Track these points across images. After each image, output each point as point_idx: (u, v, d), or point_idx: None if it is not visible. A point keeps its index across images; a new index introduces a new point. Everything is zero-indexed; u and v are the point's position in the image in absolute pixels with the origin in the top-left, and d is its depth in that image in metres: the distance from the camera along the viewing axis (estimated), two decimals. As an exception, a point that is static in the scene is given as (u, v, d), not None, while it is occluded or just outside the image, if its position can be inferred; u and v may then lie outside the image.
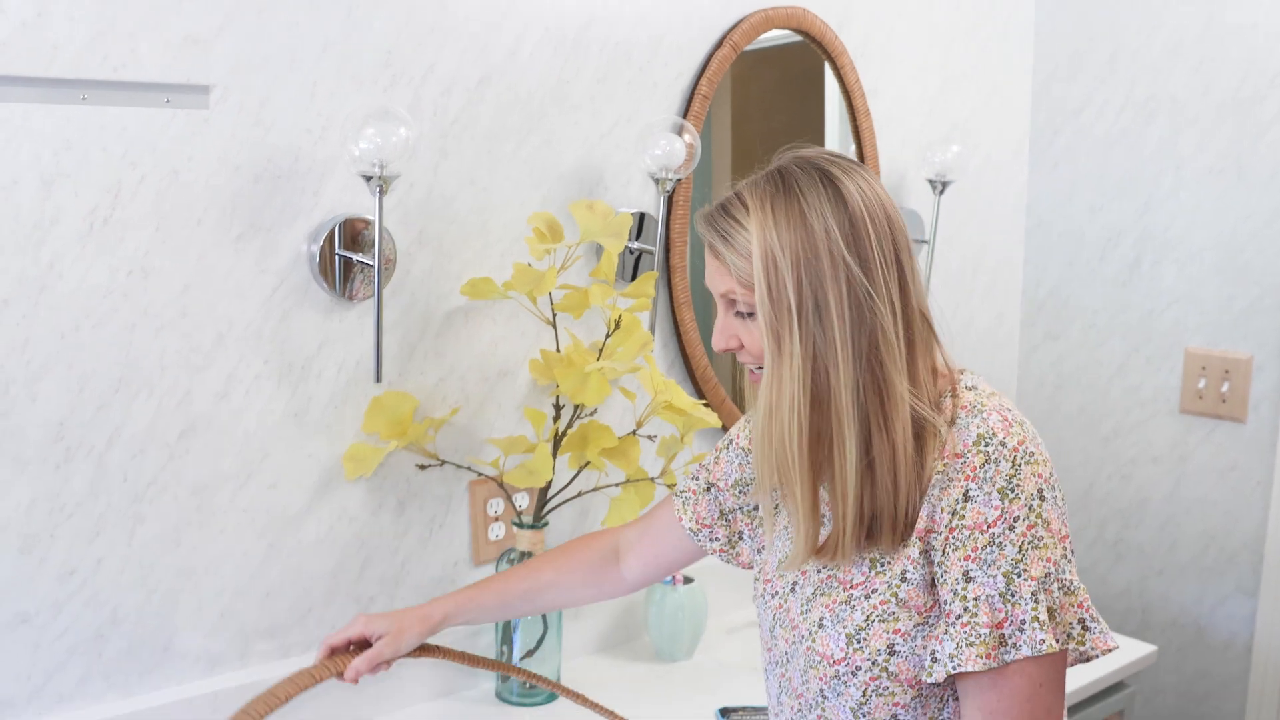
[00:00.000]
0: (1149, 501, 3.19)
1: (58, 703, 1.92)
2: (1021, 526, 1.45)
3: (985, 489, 1.46)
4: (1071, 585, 1.49)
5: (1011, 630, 1.45)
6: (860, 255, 1.48)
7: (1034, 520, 1.45)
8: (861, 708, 1.54)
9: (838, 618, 1.56)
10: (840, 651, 1.55)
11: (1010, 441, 1.47)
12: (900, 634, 1.51)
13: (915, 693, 1.52)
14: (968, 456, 1.47)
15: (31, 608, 1.87)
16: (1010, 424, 1.49)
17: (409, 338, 2.21)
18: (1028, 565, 1.45)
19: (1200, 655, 3.12)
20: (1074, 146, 3.25)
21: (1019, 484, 1.46)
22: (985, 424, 1.49)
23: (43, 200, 1.80)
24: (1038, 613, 1.45)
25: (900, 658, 1.51)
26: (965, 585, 1.46)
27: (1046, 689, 1.47)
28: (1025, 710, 1.47)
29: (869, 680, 1.53)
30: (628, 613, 2.59)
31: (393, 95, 2.12)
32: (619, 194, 2.47)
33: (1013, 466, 1.46)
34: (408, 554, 2.27)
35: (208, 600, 2.05)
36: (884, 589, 1.53)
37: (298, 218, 2.05)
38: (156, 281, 1.92)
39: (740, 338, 1.57)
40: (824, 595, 1.59)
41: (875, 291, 1.48)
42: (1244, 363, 2.97)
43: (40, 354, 1.83)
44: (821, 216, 1.48)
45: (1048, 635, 1.44)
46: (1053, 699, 1.48)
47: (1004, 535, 1.45)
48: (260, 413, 2.05)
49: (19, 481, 1.83)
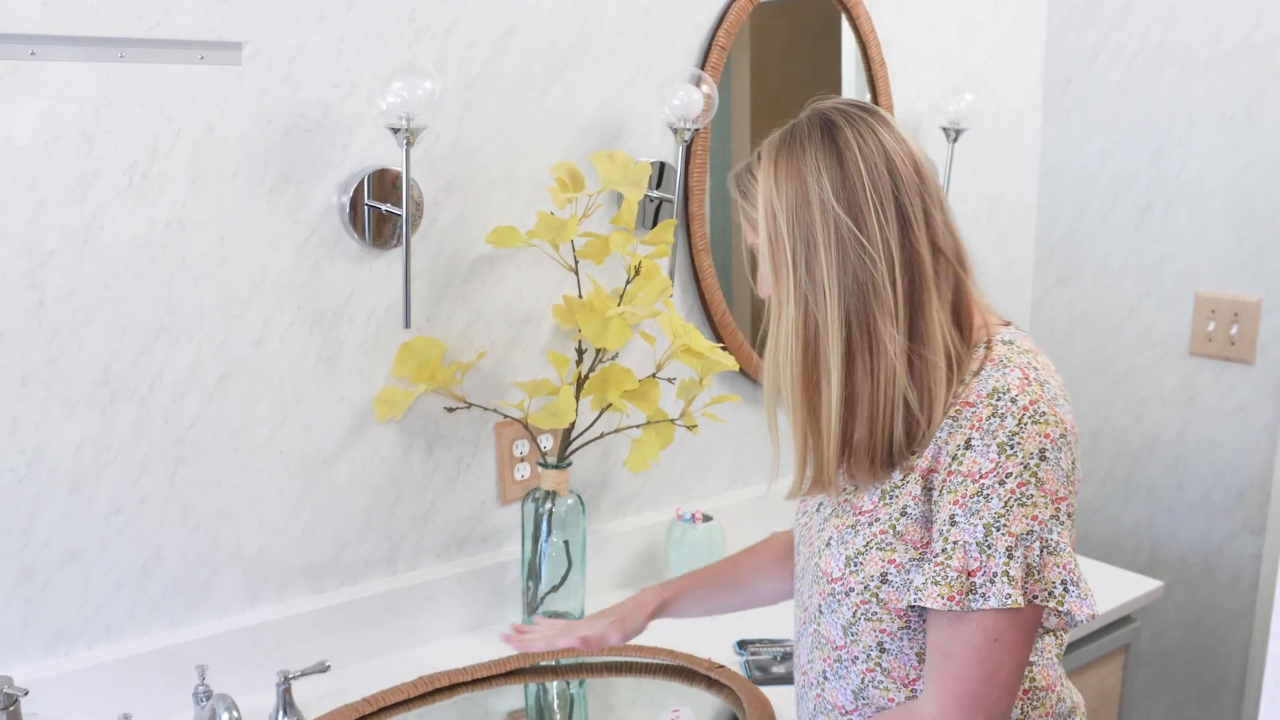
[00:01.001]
0: (1158, 441, 3.20)
1: (106, 634, 1.98)
2: (1012, 483, 1.48)
3: (985, 440, 1.49)
4: (1057, 546, 1.50)
5: (983, 580, 1.48)
6: (850, 203, 1.52)
7: (1027, 478, 1.48)
8: (851, 627, 1.61)
9: (842, 539, 1.62)
10: (838, 571, 1.61)
11: (1022, 400, 1.50)
12: (895, 564, 1.56)
13: (903, 623, 1.58)
14: (978, 407, 1.51)
15: (81, 545, 1.94)
16: (1029, 383, 1.51)
17: (436, 285, 2.25)
18: (1010, 520, 1.48)
19: (1207, 591, 3.14)
20: (1087, 94, 3.24)
21: (1020, 441, 1.48)
22: (1004, 379, 1.52)
23: (84, 155, 1.85)
24: (1009, 568, 1.47)
25: (891, 587, 1.57)
26: (950, 528, 1.50)
27: (1002, 644, 1.49)
28: (973, 659, 1.50)
29: (859, 603, 1.59)
30: (649, 549, 2.63)
31: (418, 50, 2.15)
32: (639, 144, 2.50)
33: (1018, 424, 1.49)
34: (437, 493, 2.32)
35: (246, 538, 2.10)
36: (885, 519, 1.58)
37: (328, 170, 2.09)
38: (194, 233, 1.96)
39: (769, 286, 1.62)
40: (837, 517, 1.65)
41: (867, 239, 1.51)
42: (1253, 305, 2.97)
43: (86, 303, 1.88)
44: (815, 169, 1.54)
45: (1015, 591, 1.47)
46: (1006, 655, 1.50)
47: (992, 488, 1.48)
48: (294, 358, 2.10)
49: (68, 424, 1.89)
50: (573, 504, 2.32)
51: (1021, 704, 1.63)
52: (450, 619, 2.34)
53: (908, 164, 1.56)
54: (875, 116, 1.58)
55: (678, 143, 2.42)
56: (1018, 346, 1.59)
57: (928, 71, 3.04)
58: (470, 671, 2.15)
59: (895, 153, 1.55)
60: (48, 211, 1.83)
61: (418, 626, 2.30)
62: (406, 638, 2.29)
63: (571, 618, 2.34)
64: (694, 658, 2.20)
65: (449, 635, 2.34)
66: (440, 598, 2.32)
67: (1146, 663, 3.27)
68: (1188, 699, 3.23)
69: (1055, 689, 1.67)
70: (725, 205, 2.65)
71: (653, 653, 2.22)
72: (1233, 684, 3.13)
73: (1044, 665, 1.65)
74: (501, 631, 2.02)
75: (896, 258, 1.52)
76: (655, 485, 2.68)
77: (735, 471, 2.82)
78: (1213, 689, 3.18)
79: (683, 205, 2.54)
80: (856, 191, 1.52)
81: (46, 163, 1.82)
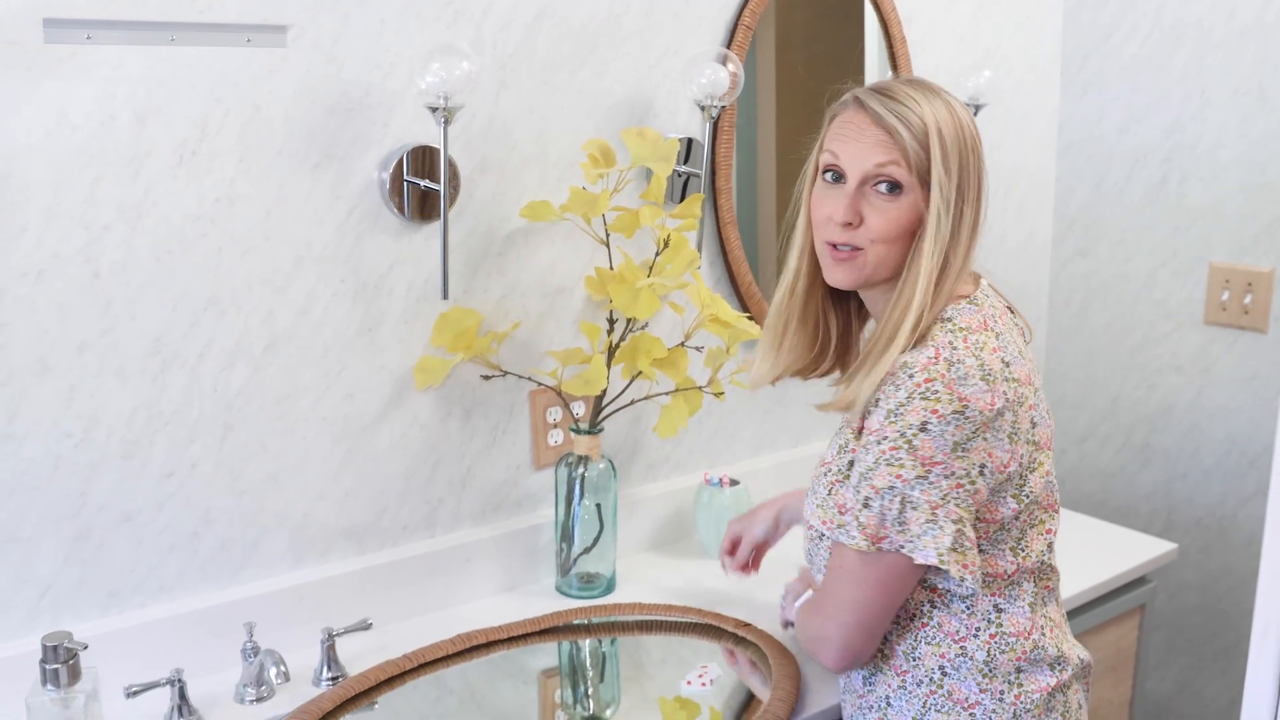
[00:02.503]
0: (1174, 409, 3.20)
1: (159, 594, 2.02)
2: (886, 445, 1.60)
3: (881, 405, 1.61)
4: (916, 502, 1.60)
5: (848, 518, 1.64)
6: (979, 158, 1.65)
7: (900, 444, 1.59)
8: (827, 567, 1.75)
9: (814, 489, 1.76)
10: (813, 518, 1.74)
11: (919, 376, 1.59)
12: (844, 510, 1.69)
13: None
14: (894, 374, 1.62)
15: (134, 507, 1.97)
16: (936, 361, 1.60)
17: (473, 257, 2.26)
18: (875, 475, 1.60)
19: (1222, 553, 3.15)
20: (1103, 71, 3.23)
21: (904, 412, 1.59)
22: (915, 356, 1.61)
23: (137, 134, 1.87)
24: (860, 516, 1.62)
25: None
26: (849, 466, 1.67)
27: (845, 574, 1.68)
28: (833, 578, 1.69)
29: (828, 547, 1.72)
30: (678, 513, 2.65)
31: (455, 31, 2.16)
32: (667, 121, 2.50)
33: (907, 396, 1.59)
34: (473, 458, 2.34)
35: (291, 501, 2.13)
36: (836, 469, 1.72)
37: (369, 147, 2.11)
38: (241, 208, 1.99)
39: (864, 214, 1.66)
40: (814, 468, 1.79)
41: (984, 192, 1.66)
42: (1265, 276, 2.97)
43: (138, 275, 1.91)
44: (965, 113, 1.66)
45: (860, 537, 1.62)
46: (856, 590, 1.66)
47: (871, 445, 1.62)
48: (337, 328, 2.12)
49: (122, 392, 1.92)
50: (604, 469, 2.33)
51: (988, 646, 1.71)
52: (487, 580, 2.36)
53: None
54: None
55: (705, 119, 2.42)
56: (954, 324, 1.66)
57: (947, 48, 3.03)
58: (506, 630, 2.17)
59: None
60: (102, 188, 1.86)
61: (455, 586, 2.32)
62: (445, 597, 2.31)
63: (603, 578, 2.37)
64: (722, 616, 2.22)
65: (485, 595, 2.36)
66: (477, 559, 2.34)
67: (1162, 623, 3.27)
68: (1202, 659, 3.24)
69: (1030, 635, 1.73)
70: (751, 180, 2.67)
71: (682, 611, 2.25)
72: (1246, 645, 3.10)
73: (1013, 612, 1.72)
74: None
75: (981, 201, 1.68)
76: (684, 450, 2.69)
77: (761, 437, 2.83)
78: (1226, 649, 3.18)
79: (710, 180, 2.55)
80: (980, 149, 1.67)
81: (102, 141, 1.85)
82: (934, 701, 1.72)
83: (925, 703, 1.72)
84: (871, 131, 1.64)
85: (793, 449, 2.89)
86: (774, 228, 2.72)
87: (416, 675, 2.06)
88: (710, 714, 2.04)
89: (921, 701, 1.73)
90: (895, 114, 1.63)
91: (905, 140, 1.62)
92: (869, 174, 1.64)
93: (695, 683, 2.07)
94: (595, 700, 2.19)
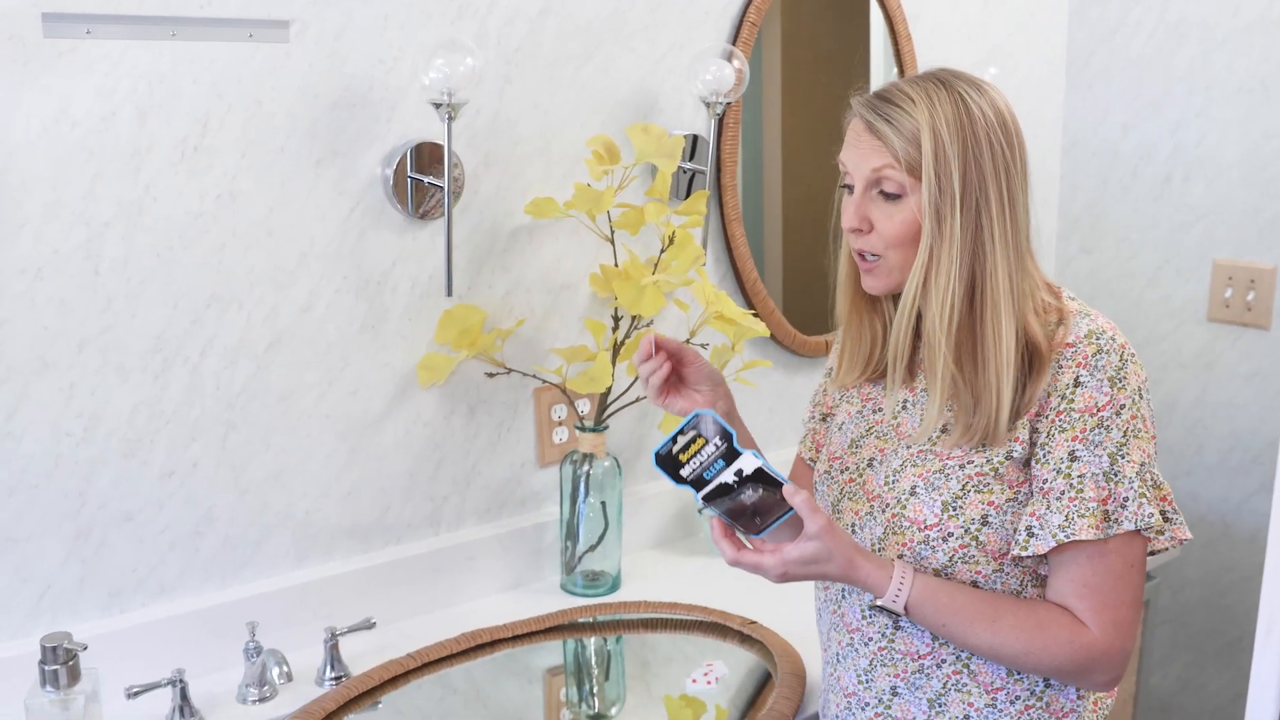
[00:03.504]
0: (1178, 405, 3.18)
1: (160, 593, 1.99)
2: (1126, 415, 1.51)
3: (1097, 376, 1.51)
4: (1158, 479, 1.55)
5: (1115, 507, 1.51)
6: (1011, 151, 1.55)
7: (1136, 412, 1.52)
8: (945, 571, 1.59)
9: (932, 485, 1.60)
10: (934, 517, 1.59)
11: (1118, 339, 1.54)
12: (994, 505, 1.56)
13: (997, 566, 1.58)
14: (1079, 346, 1.53)
15: (135, 506, 1.94)
16: (1115, 328, 1.56)
17: (477, 254, 2.23)
18: (1129, 450, 1.51)
19: (1225, 550, 3.12)
20: (1108, 67, 3.21)
21: (1126, 376, 1.51)
22: (1095, 323, 1.55)
23: (138, 130, 1.84)
24: (1143, 490, 1.52)
25: (991, 529, 1.57)
26: (1070, 464, 1.52)
27: (1136, 570, 1.54)
28: (1117, 586, 1.53)
29: (958, 547, 1.58)
30: (683, 510, 2.62)
31: (460, 26, 2.13)
32: (672, 117, 2.48)
33: (1121, 360, 1.52)
34: (478, 456, 2.31)
35: (295, 500, 2.10)
36: (981, 461, 1.58)
37: (373, 143, 2.08)
38: (243, 204, 1.96)
39: (871, 220, 1.60)
40: (916, 466, 1.62)
41: (1022, 187, 1.56)
42: (1269, 273, 2.95)
43: (139, 272, 1.88)
44: (982, 112, 1.55)
45: (1154, 509, 1.52)
46: (1140, 580, 1.55)
47: (1111, 419, 1.51)
48: (340, 325, 2.09)
49: (122, 390, 1.89)
50: (609, 466, 2.31)
51: None
52: (491, 578, 2.33)
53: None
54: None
55: (710, 116, 2.41)
56: (1082, 303, 1.62)
57: (953, 46, 3.00)
58: (511, 628, 2.15)
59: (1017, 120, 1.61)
60: (103, 184, 1.83)
61: (460, 585, 2.29)
62: (449, 596, 2.28)
63: (608, 577, 2.34)
64: (727, 614, 2.19)
65: (490, 593, 2.34)
66: (481, 557, 2.31)
67: (1166, 620, 3.24)
68: (1206, 655, 3.21)
69: None
70: (757, 177, 2.64)
71: (687, 609, 2.22)
72: (1249, 641, 3.08)
73: None
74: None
75: (1029, 211, 1.59)
76: None
77: (767, 435, 2.79)
78: (1230, 646, 3.16)
79: (715, 177, 2.53)
80: (1014, 142, 1.56)
81: (102, 136, 1.82)
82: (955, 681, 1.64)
83: (945, 683, 1.64)
84: (866, 138, 1.60)
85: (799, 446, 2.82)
86: (779, 224, 2.70)
87: (420, 675, 2.04)
88: (716, 712, 2.01)
89: (942, 683, 1.64)
90: (885, 117, 1.57)
91: (895, 144, 1.56)
92: (869, 180, 1.60)
93: (700, 681, 2.04)
94: (600, 699, 2.17)
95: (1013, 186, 1.55)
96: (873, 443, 1.71)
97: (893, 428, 1.69)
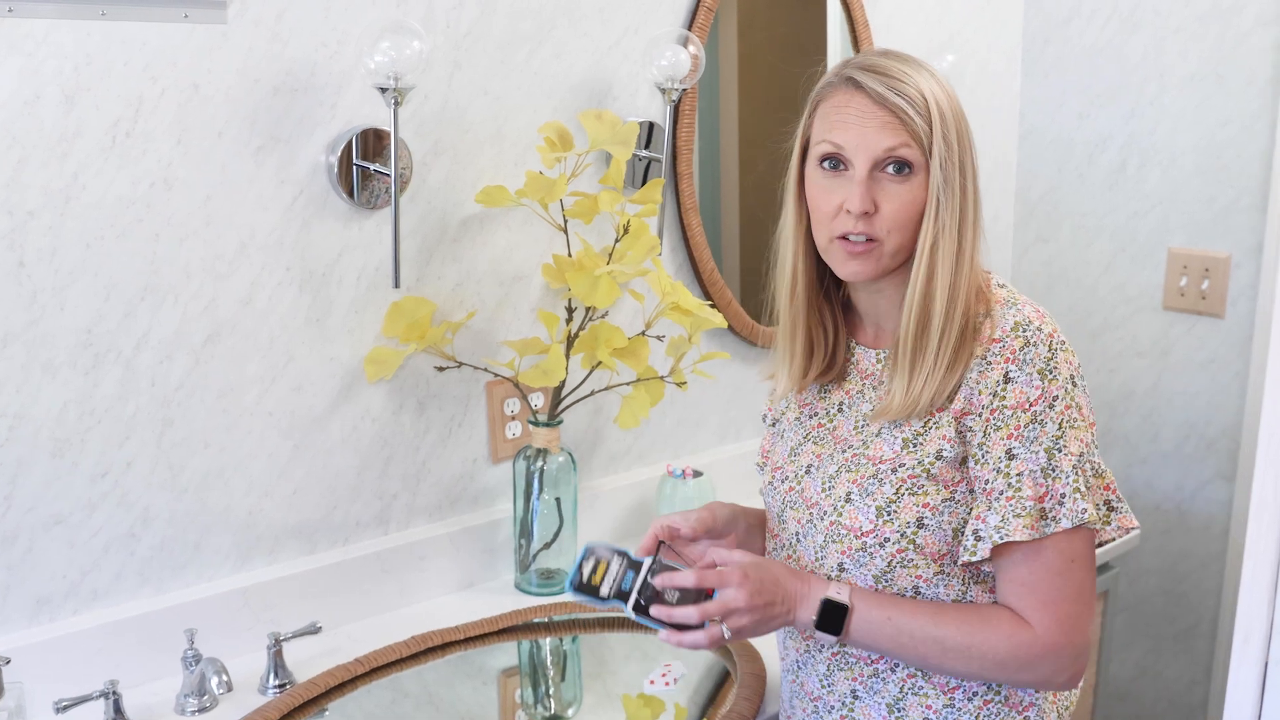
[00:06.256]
0: (1134, 394, 3.15)
1: (93, 599, 1.87)
2: (1060, 405, 1.46)
3: (1026, 370, 1.46)
4: (1100, 468, 1.52)
5: (1051, 504, 1.45)
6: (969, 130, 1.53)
7: (1070, 401, 1.47)
8: (884, 576, 1.53)
9: (866, 491, 1.54)
10: (869, 523, 1.53)
11: (1045, 329, 1.48)
12: (929, 508, 1.50)
13: (938, 568, 1.52)
14: (1007, 341, 1.48)
15: (66, 509, 1.82)
16: (1043, 315, 1.50)
17: (426, 244, 2.14)
18: (1066, 442, 1.46)
19: (1181, 538, 3.09)
20: (1063, 56, 3.17)
21: (1056, 367, 1.46)
22: (1021, 313, 1.50)
23: (65, 114, 1.73)
24: (1078, 484, 1.45)
25: (928, 531, 1.51)
26: (1008, 462, 1.46)
27: (1079, 565, 1.48)
28: (1057, 584, 1.47)
29: (896, 552, 1.52)
30: (640, 506, 2.55)
31: (406, 8, 2.04)
32: (627, 104, 2.39)
33: (1049, 350, 1.47)
34: (428, 452, 2.22)
35: (236, 499, 1.99)
36: (913, 464, 1.52)
37: (316, 129, 1.97)
38: (179, 192, 1.84)
39: (879, 202, 1.50)
40: (850, 471, 1.57)
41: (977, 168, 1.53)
42: (1222, 261, 2.92)
43: (67, 263, 1.76)
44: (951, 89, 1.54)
45: (1088, 505, 1.45)
46: (1084, 575, 1.49)
47: (1044, 413, 1.46)
48: (283, 318, 1.99)
49: (50, 387, 1.77)
50: (564, 461, 2.23)
51: None
52: (443, 578, 2.24)
53: None
54: None
55: (665, 103, 2.33)
56: (1010, 289, 1.56)
57: (910, 31, 2.94)
58: (463, 630, 2.06)
59: None
60: (28, 171, 1.71)
61: (410, 586, 2.20)
62: (399, 597, 2.18)
63: (564, 575, 2.25)
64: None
65: (442, 594, 2.24)
66: (432, 557, 2.22)
67: (1124, 608, 3.21)
68: (1163, 642, 3.18)
69: None
70: (713, 165, 2.58)
71: (645, 609, 2.12)
72: (1205, 628, 3.08)
73: None
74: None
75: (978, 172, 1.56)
76: (646, 442, 2.59)
77: (725, 427, 2.73)
78: (1186, 632, 3.13)
79: (671, 164, 2.45)
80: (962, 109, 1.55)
81: (26, 121, 1.70)
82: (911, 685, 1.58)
83: (902, 687, 1.58)
84: (876, 113, 1.49)
85: (757, 438, 2.78)
86: (736, 213, 2.65)
87: (369, 680, 1.95)
88: (675, 711, 1.95)
89: (898, 687, 1.58)
90: (897, 92, 1.48)
91: (913, 119, 1.47)
92: (879, 159, 1.49)
93: (659, 681, 1.98)
94: (557, 699, 2.10)
95: (977, 165, 1.53)
96: (809, 449, 1.65)
97: (829, 431, 1.64)
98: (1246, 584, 1.44)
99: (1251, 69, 2.82)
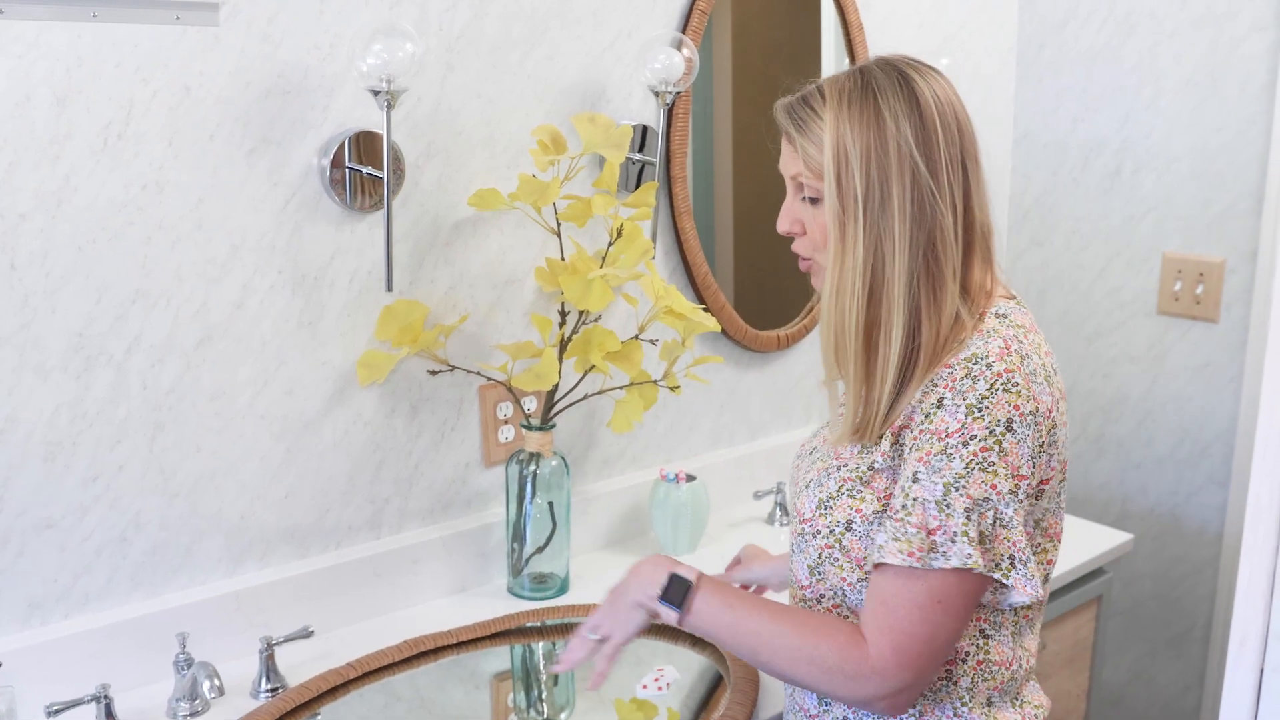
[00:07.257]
0: (1128, 399, 3.14)
1: (85, 603, 1.86)
2: (975, 445, 1.42)
3: (956, 401, 1.43)
4: (1009, 520, 1.43)
5: (944, 539, 1.41)
6: (928, 155, 1.46)
7: (990, 444, 1.41)
8: (816, 569, 1.56)
9: (819, 482, 1.58)
10: (810, 512, 1.57)
11: (997, 366, 1.44)
12: (860, 513, 1.51)
13: (862, 574, 1.51)
14: (954, 369, 1.45)
15: (57, 513, 1.81)
16: (1008, 353, 1.45)
17: (419, 247, 2.13)
18: (969, 484, 1.41)
19: (1175, 543, 3.09)
20: (1058, 60, 3.17)
21: (989, 407, 1.42)
22: (984, 346, 1.46)
23: (56, 116, 1.72)
24: (968, 529, 1.41)
25: (855, 535, 1.51)
26: (911, 485, 1.45)
27: (944, 608, 1.43)
28: (913, 616, 1.43)
29: (824, 546, 1.54)
30: (634, 510, 2.54)
31: (399, 11, 2.03)
32: (620, 107, 2.39)
33: (989, 388, 1.42)
34: (421, 456, 2.21)
35: (228, 503, 1.99)
36: (855, 466, 1.53)
37: (308, 132, 1.97)
38: (171, 195, 1.84)
39: (803, 223, 1.57)
40: (822, 461, 1.61)
41: (939, 190, 1.46)
42: (1217, 266, 2.91)
43: (59, 266, 1.75)
44: (894, 115, 1.47)
45: (975, 552, 1.40)
46: (945, 619, 1.43)
47: (955, 449, 1.42)
48: (275, 321, 1.98)
49: (41, 390, 1.76)
50: (557, 465, 2.22)
51: (973, 674, 1.55)
52: (435, 582, 2.23)
53: (968, 123, 1.53)
54: (941, 73, 1.54)
55: (659, 106, 2.33)
56: (1010, 320, 1.52)
57: (904, 34, 2.93)
58: (455, 634, 2.05)
59: (961, 110, 1.52)
60: (18, 173, 1.70)
61: (402, 590, 2.19)
62: (391, 601, 2.18)
63: (556, 579, 2.26)
64: (679, 618, 2.08)
65: (434, 598, 2.24)
66: (425, 561, 2.21)
67: (1118, 613, 3.21)
68: (1157, 647, 3.17)
69: (1010, 667, 1.57)
70: (707, 168, 2.56)
71: (638, 613, 2.11)
72: (1199, 633, 3.08)
73: (999, 641, 1.56)
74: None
75: (960, 214, 1.49)
76: (639, 446, 2.58)
77: (718, 431, 2.72)
78: (1180, 637, 3.12)
79: (664, 168, 2.45)
80: (933, 144, 1.47)
81: (16, 123, 1.69)
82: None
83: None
84: (786, 144, 1.57)
85: (751, 442, 2.79)
86: (730, 217, 2.63)
87: (361, 684, 1.94)
88: (668, 715, 1.93)
89: None
90: (797, 124, 1.54)
91: (806, 150, 1.52)
92: (794, 185, 1.58)
93: (651, 686, 1.97)
94: (549, 704, 2.09)
95: (921, 191, 1.47)
96: (823, 432, 1.70)
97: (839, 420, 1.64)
98: (1242, 589, 1.43)
99: (1246, 74, 2.82)
